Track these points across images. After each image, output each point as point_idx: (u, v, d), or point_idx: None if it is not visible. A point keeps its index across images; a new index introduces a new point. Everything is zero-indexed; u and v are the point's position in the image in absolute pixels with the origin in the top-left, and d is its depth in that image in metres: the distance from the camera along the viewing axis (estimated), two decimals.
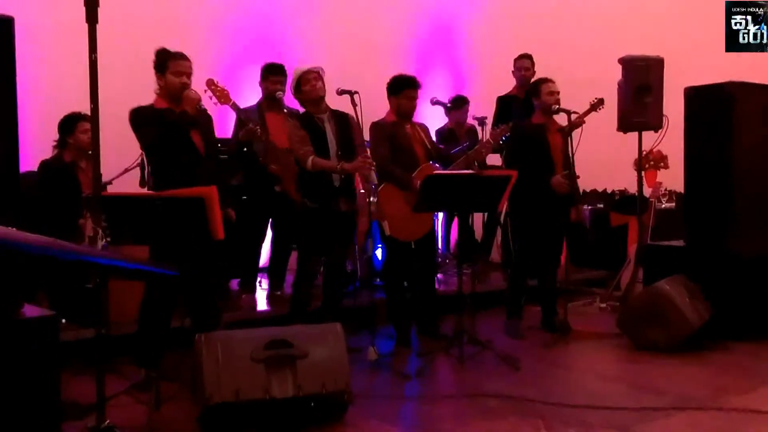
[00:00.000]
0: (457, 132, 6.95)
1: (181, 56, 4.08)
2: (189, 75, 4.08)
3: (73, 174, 4.93)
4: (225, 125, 6.21)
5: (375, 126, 4.91)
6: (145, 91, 4.22)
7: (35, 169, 5.17)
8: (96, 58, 2.79)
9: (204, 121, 4.22)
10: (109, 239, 3.44)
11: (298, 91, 4.65)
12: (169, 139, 3.99)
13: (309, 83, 4.59)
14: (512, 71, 6.68)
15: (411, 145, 4.90)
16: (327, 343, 3.54)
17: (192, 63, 4.12)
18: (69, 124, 4.97)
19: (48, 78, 5.91)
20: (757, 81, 5.37)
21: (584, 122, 5.47)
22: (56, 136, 5.05)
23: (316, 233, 4.60)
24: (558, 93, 5.24)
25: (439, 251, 6.76)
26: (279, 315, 5.05)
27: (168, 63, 4.04)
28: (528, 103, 5.47)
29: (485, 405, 3.83)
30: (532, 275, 5.45)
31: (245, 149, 5.34)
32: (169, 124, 3.98)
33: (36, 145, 5.52)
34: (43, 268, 1.95)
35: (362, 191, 5.74)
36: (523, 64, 6.58)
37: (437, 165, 5.02)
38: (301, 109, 4.88)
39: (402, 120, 4.93)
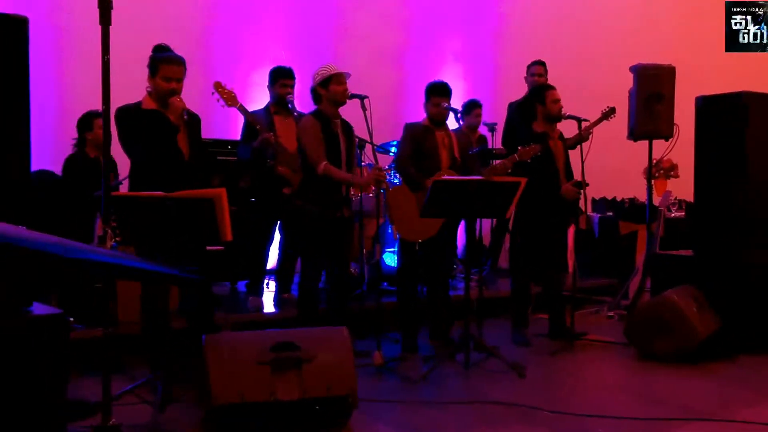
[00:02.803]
0: (469, 137, 6.93)
1: (171, 60, 4.00)
2: (179, 80, 4.00)
3: (99, 170, 4.97)
4: (233, 128, 6.24)
5: (406, 126, 5.02)
6: None
7: (48, 167, 5.22)
8: (109, 59, 2.81)
9: (191, 124, 4.14)
10: (118, 239, 3.45)
11: (324, 86, 4.63)
12: (152, 141, 3.96)
13: (342, 86, 4.58)
14: (525, 77, 6.66)
15: (437, 150, 4.93)
16: (333, 346, 3.55)
17: (184, 67, 4.03)
18: (87, 121, 5.08)
19: (62, 78, 5.97)
20: None
21: (591, 133, 5.47)
22: (72, 135, 5.13)
23: (319, 237, 4.61)
24: (560, 101, 5.26)
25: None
26: (286, 318, 5.06)
27: (159, 66, 3.98)
28: (529, 108, 5.45)
29: (490, 412, 3.82)
30: (536, 282, 5.45)
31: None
32: (153, 125, 3.95)
33: (50, 144, 5.58)
34: (51, 267, 1.97)
35: (371, 195, 5.75)
36: (537, 70, 6.57)
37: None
38: (305, 104, 4.85)
39: (434, 125, 4.96)
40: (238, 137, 5.75)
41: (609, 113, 5.91)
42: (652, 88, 5.76)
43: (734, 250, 5.20)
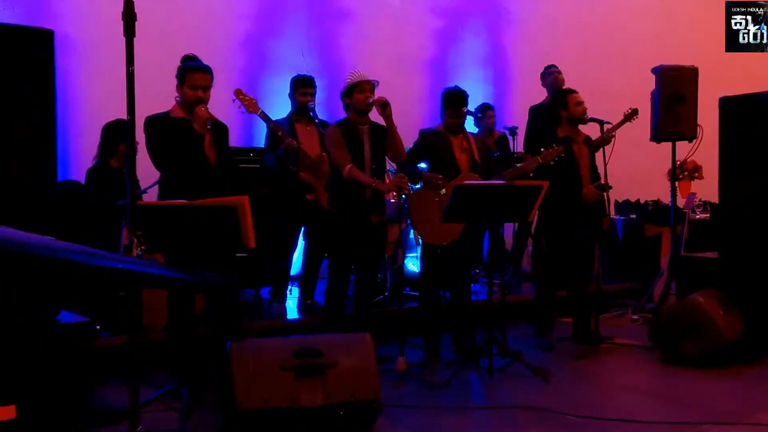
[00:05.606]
0: (486, 140, 6.92)
1: (197, 69, 4.07)
2: (205, 88, 4.05)
3: (121, 180, 5.01)
4: (255, 135, 6.29)
5: (420, 132, 5.08)
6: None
7: (73, 177, 5.28)
8: (133, 70, 2.85)
9: (218, 133, 4.18)
10: (144, 248, 3.49)
11: (348, 95, 4.67)
12: (176, 149, 4.01)
13: (363, 93, 4.61)
14: (541, 82, 6.66)
15: (453, 155, 4.93)
16: (356, 352, 3.56)
17: (210, 76, 4.09)
18: (120, 130, 4.95)
19: (88, 90, 6.05)
20: None
21: (614, 136, 5.44)
22: (95, 145, 5.12)
23: (347, 244, 4.63)
24: (583, 102, 5.24)
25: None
26: (309, 324, 5.07)
27: (185, 75, 4.05)
28: (552, 113, 5.43)
29: (514, 417, 3.82)
30: (560, 286, 5.41)
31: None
32: (177, 133, 3.99)
33: (75, 155, 5.65)
34: (77, 276, 2.00)
35: (393, 201, 5.77)
36: (553, 70, 6.58)
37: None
38: (337, 113, 4.91)
39: (450, 131, 4.98)
40: (261, 145, 5.79)
41: (632, 115, 5.88)
42: (674, 90, 5.71)
43: (760, 251, 5.13)
